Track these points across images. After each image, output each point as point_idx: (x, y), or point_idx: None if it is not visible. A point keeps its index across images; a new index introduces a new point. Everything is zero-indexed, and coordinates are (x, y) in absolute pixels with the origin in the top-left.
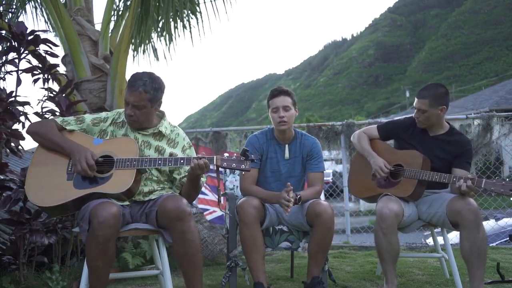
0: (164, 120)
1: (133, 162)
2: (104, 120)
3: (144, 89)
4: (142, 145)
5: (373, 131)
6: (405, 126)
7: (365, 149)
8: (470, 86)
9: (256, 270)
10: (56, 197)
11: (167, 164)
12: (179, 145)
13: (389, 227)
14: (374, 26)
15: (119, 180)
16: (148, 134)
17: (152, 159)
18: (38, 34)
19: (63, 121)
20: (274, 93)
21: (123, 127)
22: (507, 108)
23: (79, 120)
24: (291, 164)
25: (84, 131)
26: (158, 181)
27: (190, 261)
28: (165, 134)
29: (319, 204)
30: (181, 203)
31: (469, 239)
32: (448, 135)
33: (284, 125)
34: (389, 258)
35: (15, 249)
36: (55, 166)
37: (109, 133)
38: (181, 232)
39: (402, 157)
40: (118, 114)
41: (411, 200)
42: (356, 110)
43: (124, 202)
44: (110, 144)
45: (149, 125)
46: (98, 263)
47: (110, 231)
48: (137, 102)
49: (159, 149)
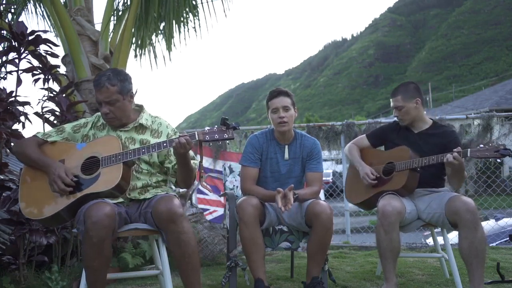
0: (143, 113)
1: (118, 156)
2: (84, 125)
3: (110, 83)
4: (126, 142)
5: (363, 140)
6: (391, 128)
7: (355, 160)
8: (470, 86)
9: (256, 268)
10: (50, 208)
11: (151, 151)
12: (163, 134)
13: (391, 224)
14: (374, 26)
15: (108, 177)
16: (130, 129)
17: (135, 149)
18: (39, 34)
19: (44, 135)
20: (273, 94)
21: (104, 129)
22: (507, 108)
23: (59, 130)
24: (290, 165)
25: (66, 140)
26: (149, 173)
27: (187, 262)
28: (147, 125)
29: (318, 204)
30: (172, 205)
31: (468, 239)
32: (432, 129)
33: (284, 125)
34: (389, 255)
35: (15, 249)
36: (44, 179)
37: (91, 137)
38: (175, 233)
39: (391, 155)
40: (97, 117)
41: (406, 192)
42: (356, 110)
43: (118, 199)
44: (94, 145)
45: (128, 120)
46: (94, 264)
47: (105, 231)
48: (108, 98)
49: (144, 142)
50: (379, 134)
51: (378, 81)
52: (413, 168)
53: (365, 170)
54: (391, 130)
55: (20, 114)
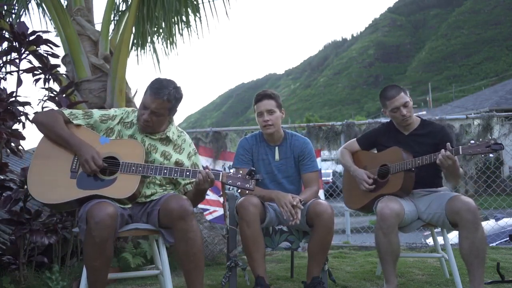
0: (171, 125)
1: (139, 168)
2: (113, 118)
3: (168, 98)
4: (148, 148)
5: (354, 144)
6: (381, 132)
7: (346, 165)
8: (470, 86)
9: (257, 266)
10: (58, 195)
11: (172, 174)
12: (185, 152)
13: (389, 227)
14: (374, 26)
15: (124, 185)
16: (156, 138)
17: (158, 167)
18: (40, 35)
19: (70, 114)
20: (258, 97)
21: (130, 128)
22: (507, 108)
23: (87, 114)
24: (283, 165)
25: (91, 126)
26: (160, 184)
27: (192, 260)
28: (172, 139)
29: (319, 204)
30: (184, 202)
31: (468, 239)
32: (421, 129)
33: (270, 128)
34: (389, 258)
35: (15, 249)
36: (59, 161)
37: (116, 132)
38: (183, 231)
39: (384, 157)
40: (126, 113)
41: (403, 194)
42: (356, 110)
43: (126, 205)
44: (117, 145)
45: (159, 130)
46: (96, 263)
47: (107, 231)
48: (158, 110)
49: (165, 154)
50: (368, 137)
51: (378, 81)
52: (408, 169)
53: (362, 176)
54: (381, 133)
55: (20, 114)
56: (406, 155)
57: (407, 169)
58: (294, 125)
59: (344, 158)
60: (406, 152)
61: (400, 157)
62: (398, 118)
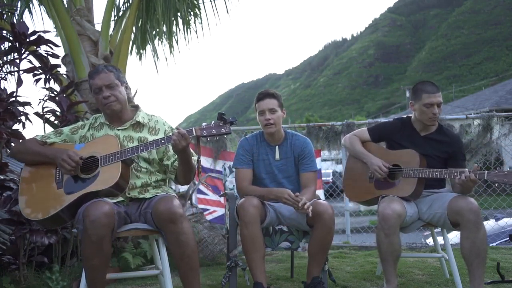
0: (139, 111)
1: (117, 155)
2: (82, 127)
3: (107, 69)
4: (124, 141)
5: (364, 133)
6: (396, 127)
7: (359, 151)
8: (470, 86)
9: (256, 270)
10: (51, 207)
11: (149, 148)
12: (161, 131)
13: (391, 227)
14: (374, 26)
15: (107, 176)
16: (127, 127)
17: (134, 147)
18: (41, 35)
19: (43, 137)
20: (260, 96)
21: (101, 129)
22: (507, 108)
23: (58, 132)
24: (283, 165)
25: (65, 141)
26: (149, 172)
27: (186, 263)
28: (144, 123)
29: (320, 204)
30: (172, 205)
31: (469, 239)
32: (438, 134)
33: (271, 127)
34: (390, 258)
35: (15, 249)
36: (44, 179)
37: (89, 137)
38: (174, 234)
39: (398, 157)
40: (94, 119)
41: (412, 199)
42: (356, 110)
43: (118, 198)
44: (92, 145)
45: (125, 117)
46: (94, 262)
47: (103, 229)
48: (108, 81)
49: (142, 139)
50: (381, 130)
51: (378, 81)
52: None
53: (377, 163)
54: (395, 129)
55: (20, 114)
56: (421, 161)
57: (422, 177)
58: (294, 125)
59: (355, 145)
60: (422, 158)
61: (416, 162)
62: (428, 114)
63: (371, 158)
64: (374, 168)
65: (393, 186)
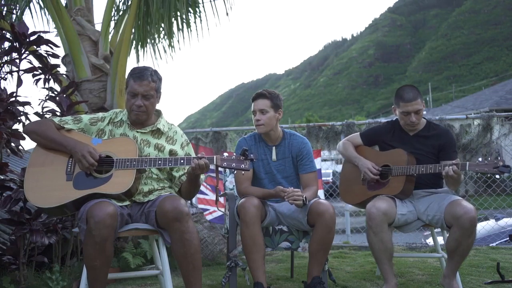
0: (161, 118)
1: (133, 162)
2: (102, 120)
3: (153, 79)
4: (141, 144)
5: (356, 138)
6: (386, 130)
7: (352, 155)
8: (470, 86)
9: (256, 270)
10: (56, 198)
11: (167, 164)
12: (178, 142)
13: (377, 225)
14: (374, 26)
15: (119, 181)
16: (147, 132)
17: (152, 159)
18: (41, 35)
19: (60, 121)
20: (253, 96)
21: (121, 126)
22: (507, 108)
23: (76, 119)
24: (281, 165)
25: (82, 130)
26: (158, 179)
27: (189, 262)
28: (163, 131)
29: (321, 204)
30: (179, 203)
31: (458, 241)
32: (427, 130)
33: (260, 127)
34: (383, 256)
35: (15, 249)
36: (54, 166)
37: (107, 132)
38: (179, 232)
39: (387, 158)
40: (115, 113)
41: (403, 197)
42: (356, 110)
43: (124, 202)
44: (109, 144)
45: (149, 121)
46: (96, 263)
47: (107, 230)
48: (147, 92)
49: (159, 146)
50: (372, 134)
51: (378, 81)
52: (410, 174)
53: (367, 165)
54: (386, 131)
55: (20, 114)
56: (409, 159)
57: (409, 174)
58: (294, 125)
59: (347, 149)
60: (410, 156)
61: (404, 160)
62: (406, 122)
63: (361, 161)
64: (364, 170)
65: (383, 186)
